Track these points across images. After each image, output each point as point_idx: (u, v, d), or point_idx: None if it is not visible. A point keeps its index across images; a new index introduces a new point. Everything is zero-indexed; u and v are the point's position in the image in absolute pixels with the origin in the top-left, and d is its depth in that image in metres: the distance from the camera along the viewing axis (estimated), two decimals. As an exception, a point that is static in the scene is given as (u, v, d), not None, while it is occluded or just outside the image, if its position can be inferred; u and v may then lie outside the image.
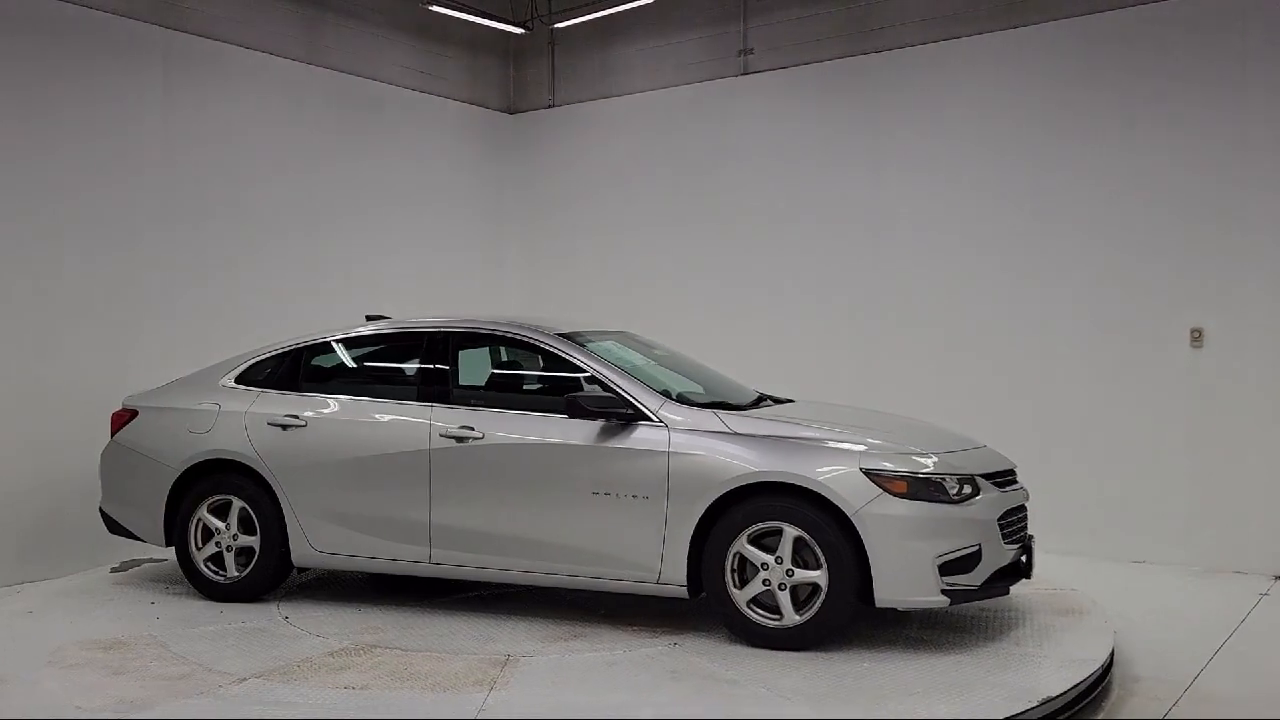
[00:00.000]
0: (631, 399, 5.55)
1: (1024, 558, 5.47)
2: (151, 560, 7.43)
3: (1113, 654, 5.14)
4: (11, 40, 7.16)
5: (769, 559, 5.19)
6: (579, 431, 5.58)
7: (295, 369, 6.41)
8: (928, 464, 5.21)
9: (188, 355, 7.42)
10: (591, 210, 10.18)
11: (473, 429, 5.75)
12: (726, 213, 9.43)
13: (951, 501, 5.15)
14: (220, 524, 6.23)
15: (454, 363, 6.09)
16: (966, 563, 5.14)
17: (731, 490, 5.25)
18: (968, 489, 5.22)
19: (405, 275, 9.55)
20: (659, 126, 9.77)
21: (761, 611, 5.24)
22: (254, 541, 6.17)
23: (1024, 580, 5.50)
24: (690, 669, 4.93)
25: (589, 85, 10.21)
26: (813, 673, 4.85)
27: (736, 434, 5.37)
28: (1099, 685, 4.89)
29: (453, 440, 5.77)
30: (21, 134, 7.17)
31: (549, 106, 10.48)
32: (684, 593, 5.39)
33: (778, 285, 9.15)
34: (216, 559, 6.28)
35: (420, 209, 9.81)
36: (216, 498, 6.26)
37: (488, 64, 10.53)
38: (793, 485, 5.18)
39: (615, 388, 5.61)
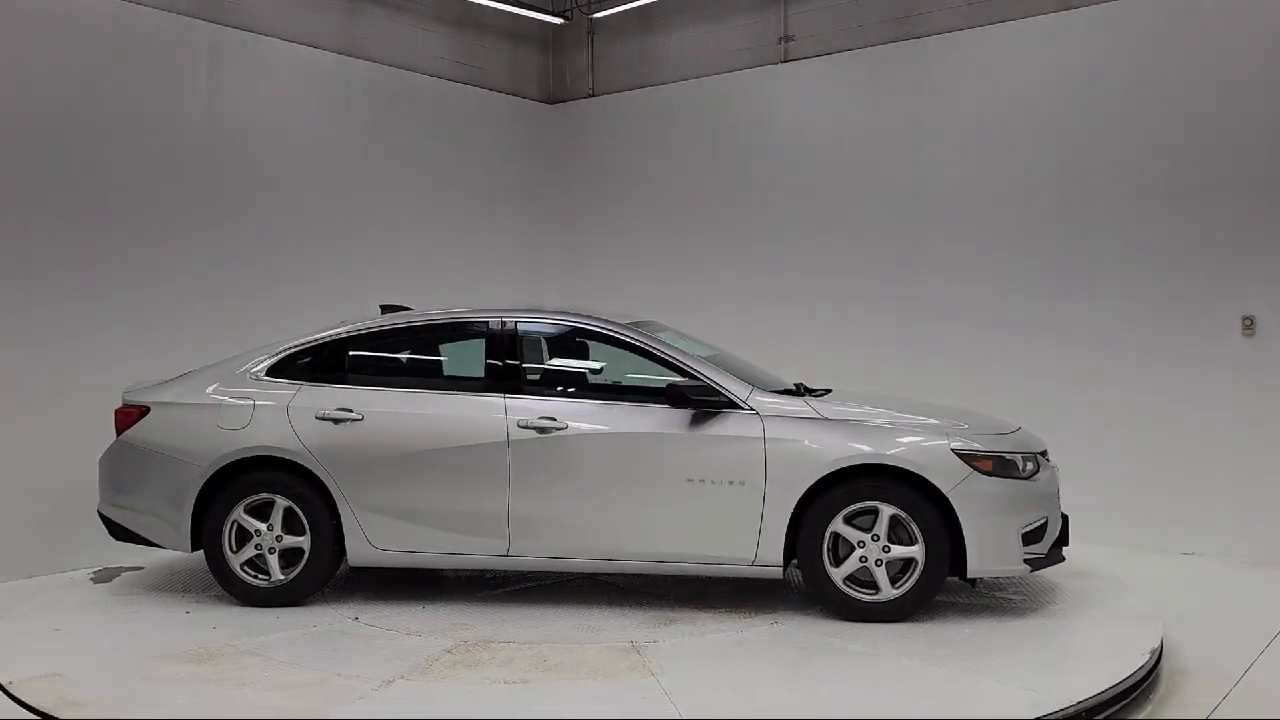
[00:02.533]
0: (721, 388, 5.71)
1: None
2: (126, 568, 6.89)
3: (1161, 645, 5.12)
4: (56, 35, 7.30)
5: (864, 537, 5.50)
6: (669, 420, 5.68)
7: (339, 360, 6.14)
8: (1004, 444, 5.66)
9: (199, 348, 7.04)
10: (631, 200, 10.10)
11: (554, 419, 5.73)
12: (767, 201, 9.41)
13: (1023, 478, 5.62)
14: (260, 525, 5.90)
15: (521, 353, 6.03)
16: (1038, 533, 5.63)
17: (829, 473, 5.52)
18: (1031, 466, 5.71)
19: (444, 266, 9.56)
20: (699, 115, 9.76)
21: (857, 587, 5.53)
22: (302, 542, 5.88)
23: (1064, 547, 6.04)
24: (816, 644, 5.16)
25: (628, 74, 10.18)
26: (932, 640, 5.17)
27: (827, 419, 5.63)
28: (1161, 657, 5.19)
29: (534, 431, 5.72)
30: (67, 128, 7.32)
31: (589, 96, 10.39)
32: (779, 573, 5.62)
33: (819, 275, 9.15)
34: (252, 562, 5.94)
35: (459, 200, 9.83)
36: (255, 497, 5.92)
37: (527, 54, 10.48)
38: (888, 466, 5.50)
39: (704, 377, 5.75)
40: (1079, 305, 8.02)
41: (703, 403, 5.65)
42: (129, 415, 6.16)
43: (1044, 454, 5.96)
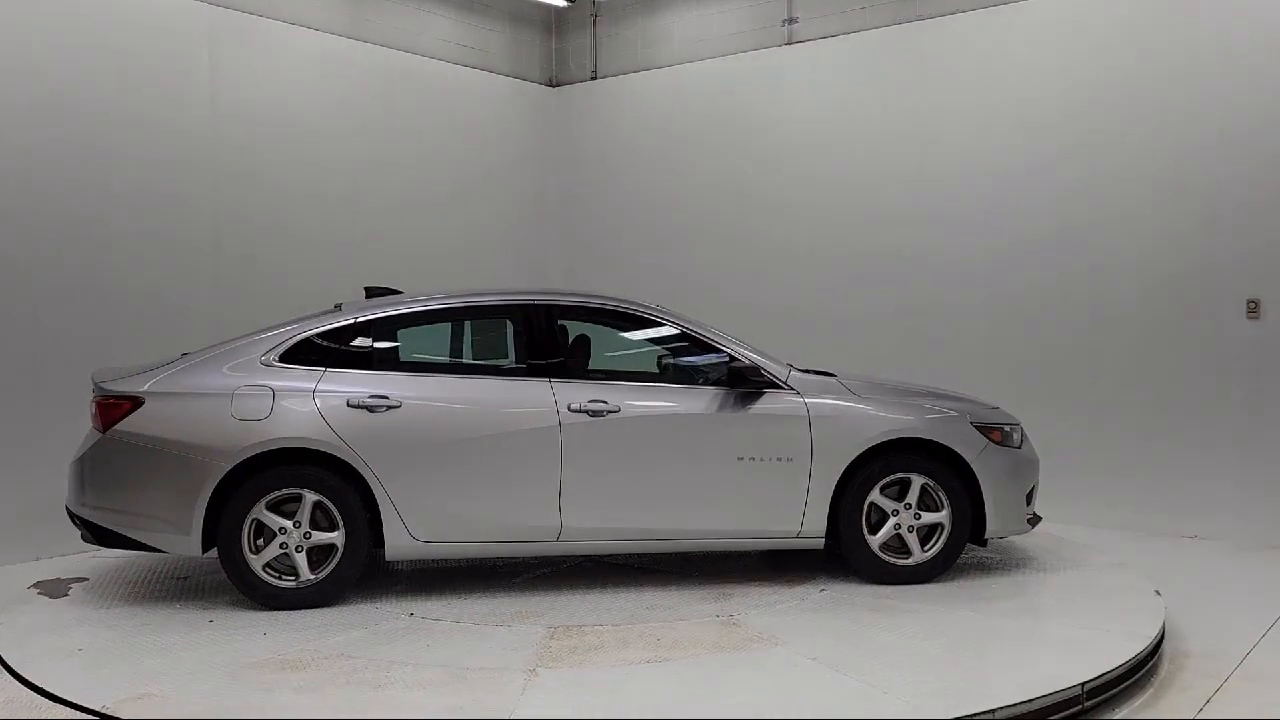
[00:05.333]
0: (766, 369, 5.94)
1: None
2: (68, 579, 6.17)
3: (1164, 627, 5.15)
4: (56, 19, 7.26)
5: (897, 505, 5.93)
6: (717, 401, 5.85)
7: (365, 344, 5.81)
8: (1000, 417, 6.26)
9: (194, 332, 6.49)
10: (633, 183, 9.86)
11: (606, 403, 5.74)
12: (771, 186, 9.34)
13: (1017, 447, 6.25)
14: (285, 522, 5.50)
15: (562, 337, 5.98)
16: (1031, 496, 6.29)
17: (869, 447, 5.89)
18: (1018, 436, 6.35)
19: (443, 249, 9.47)
20: (702, 98, 9.62)
21: (890, 553, 5.95)
22: (333, 538, 5.54)
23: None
24: (880, 606, 5.50)
25: (631, 57, 9.92)
26: (973, 597, 5.67)
27: (860, 397, 6.01)
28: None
29: (585, 415, 5.71)
30: (69, 112, 7.31)
31: (591, 79, 10.08)
32: (820, 543, 5.94)
33: (822, 258, 9.15)
34: (272, 563, 5.53)
35: (459, 183, 9.73)
36: (279, 492, 5.50)
37: (530, 37, 10.21)
38: (915, 439, 5.94)
39: (750, 359, 5.95)
40: (1084, 288, 8.05)
41: (756, 383, 5.86)
42: (118, 407, 5.52)
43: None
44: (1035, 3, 8.23)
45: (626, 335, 6.30)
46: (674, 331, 6.07)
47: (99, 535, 5.59)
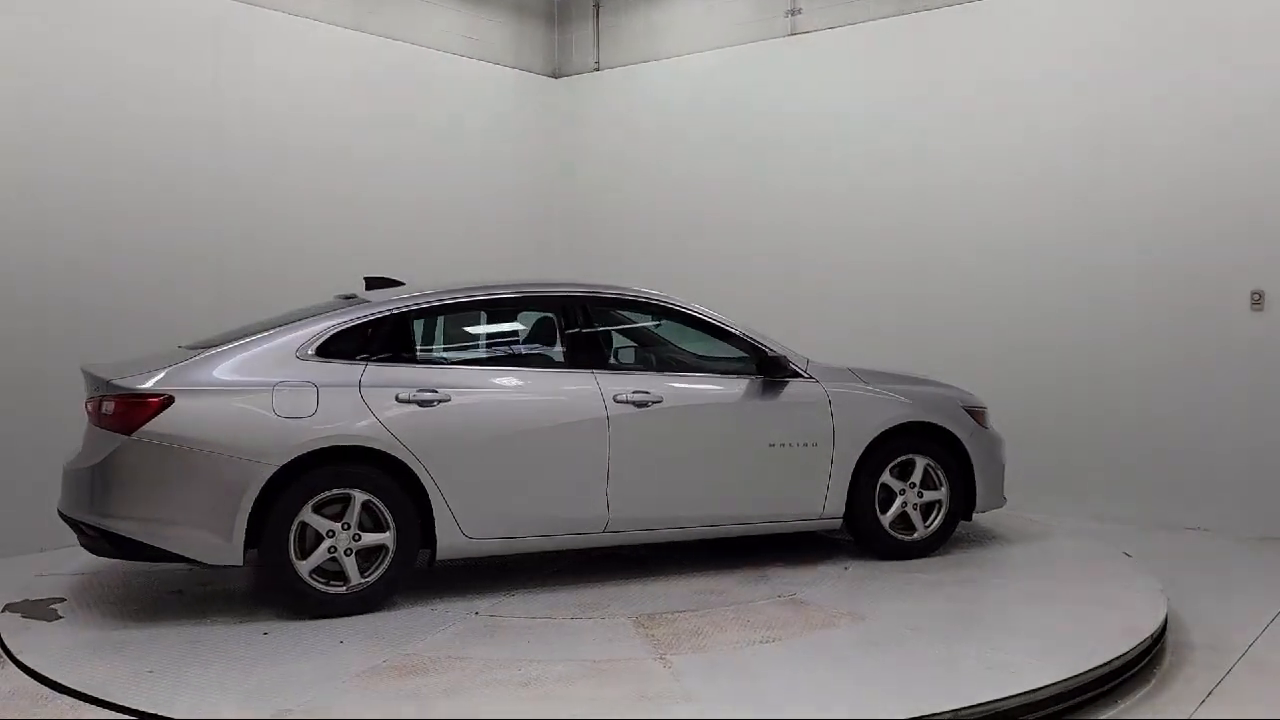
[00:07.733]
0: (789, 360, 6.17)
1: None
2: (44, 599, 5.55)
3: (1166, 620, 5.11)
4: (61, 11, 7.30)
5: (904, 485, 6.33)
6: (749, 390, 6.03)
7: (404, 337, 5.56)
8: (976, 400, 6.78)
9: (199, 324, 6.01)
10: (636, 174, 9.58)
11: (649, 393, 5.79)
12: (774, 176, 9.23)
13: (989, 428, 6.80)
14: (333, 524, 5.20)
15: (600, 329, 5.96)
16: (1003, 473, 6.86)
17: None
18: (990, 418, 6.91)
19: (446, 241, 9.32)
20: (705, 89, 9.43)
21: (897, 530, 6.34)
22: (385, 539, 5.29)
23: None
24: (915, 579, 5.82)
25: (634, 48, 9.60)
26: (982, 566, 6.16)
27: (869, 385, 6.36)
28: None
29: (631, 405, 5.73)
30: (74, 103, 7.35)
31: (594, 70, 9.72)
32: (838, 523, 6.24)
33: (824, 248, 9.13)
34: (319, 568, 5.22)
35: (462, 175, 9.62)
36: (328, 493, 5.20)
37: (533, 28, 9.91)
38: (916, 423, 6.35)
39: (777, 350, 6.16)
40: (1087, 278, 8.03)
41: (785, 372, 6.08)
42: (145, 406, 5.03)
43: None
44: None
45: (661, 328, 6.35)
46: (705, 324, 6.18)
47: (118, 546, 5.08)
